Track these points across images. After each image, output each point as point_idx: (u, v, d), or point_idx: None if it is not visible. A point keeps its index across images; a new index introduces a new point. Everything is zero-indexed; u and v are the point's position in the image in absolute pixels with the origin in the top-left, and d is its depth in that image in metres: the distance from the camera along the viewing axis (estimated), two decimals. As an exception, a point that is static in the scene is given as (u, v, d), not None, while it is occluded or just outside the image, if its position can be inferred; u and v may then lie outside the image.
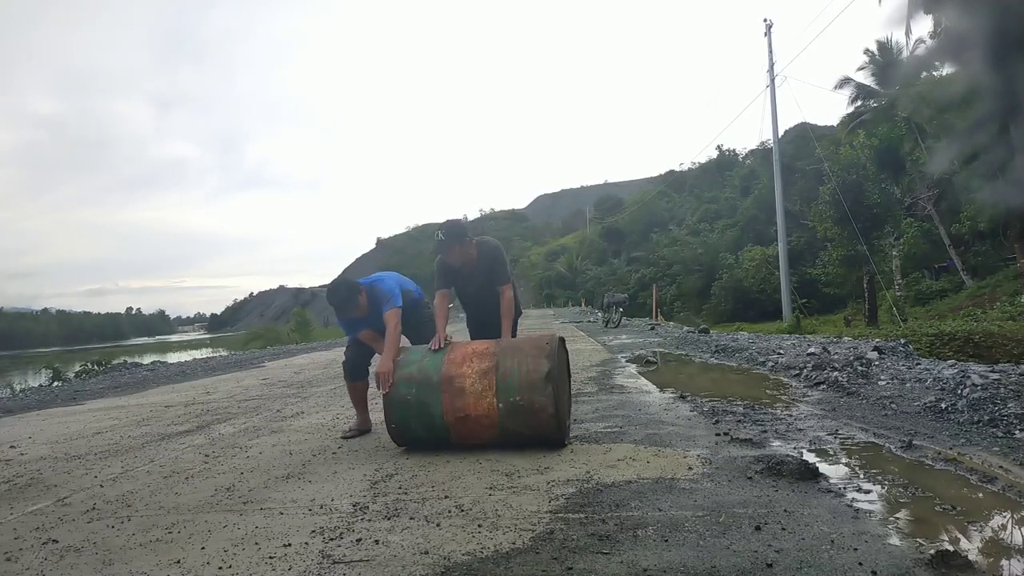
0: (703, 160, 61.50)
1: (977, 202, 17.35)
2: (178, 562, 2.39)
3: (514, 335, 4.37)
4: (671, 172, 71.10)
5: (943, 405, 4.41)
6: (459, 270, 4.38)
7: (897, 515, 2.57)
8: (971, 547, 2.25)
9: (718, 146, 59.97)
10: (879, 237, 20.81)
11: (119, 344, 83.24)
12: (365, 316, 4.40)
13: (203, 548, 2.52)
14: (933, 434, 3.84)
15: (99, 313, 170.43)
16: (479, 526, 2.56)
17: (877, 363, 6.23)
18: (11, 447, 5.10)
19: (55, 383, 15.71)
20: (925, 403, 4.55)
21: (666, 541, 2.31)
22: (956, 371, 5.26)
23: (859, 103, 30.01)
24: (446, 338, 4.07)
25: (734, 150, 59.66)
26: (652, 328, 16.83)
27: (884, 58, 28.23)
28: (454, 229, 4.26)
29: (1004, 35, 1.21)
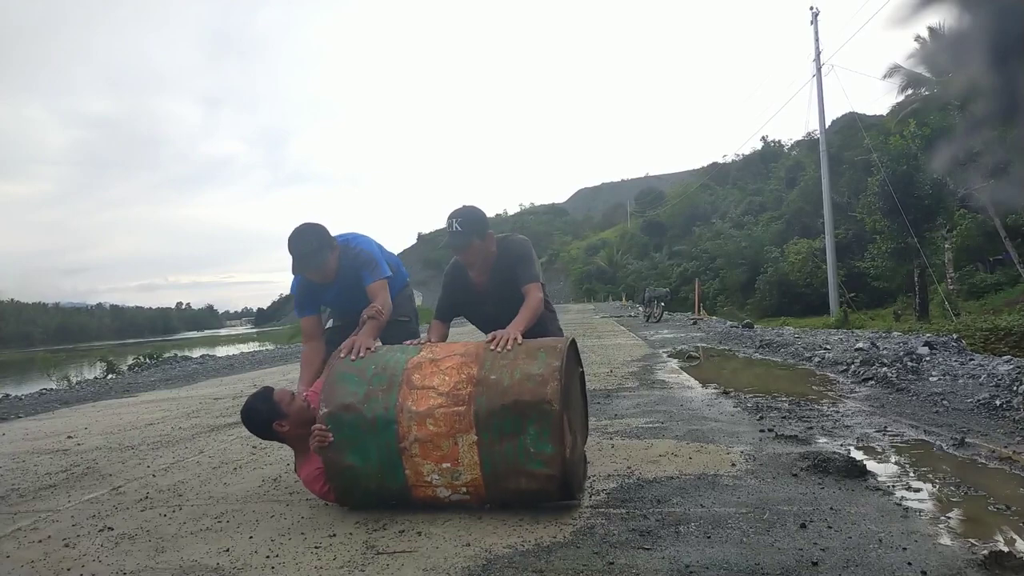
0: (747, 152, 60.39)
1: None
2: (227, 550, 2.46)
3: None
4: (714, 164, 69.91)
5: (997, 402, 4.27)
6: (471, 288, 3.31)
7: (948, 514, 2.50)
8: (1027, 549, 2.18)
9: (763, 137, 59.08)
10: (930, 229, 20.20)
11: (169, 338, 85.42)
12: (329, 284, 3.28)
13: (251, 537, 2.58)
14: (986, 431, 3.73)
15: (150, 308, 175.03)
16: (520, 520, 2.56)
17: (928, 359, 6.06)
18: (68, 437, 5.29)
19: (109, 376, 16.23)
20: (978, 400, 4.41)
21: (709, 538, 2.29)
22: (1012, 367, 5.09)
23: (909, 91, 29.02)
24: None
25: (779, 141, 58.45)
26: (694, 323, 16.65)
27: (935, 44, 27.27)
28: (475, 216, 3.14)
29: (1004, 35, 1.17)
